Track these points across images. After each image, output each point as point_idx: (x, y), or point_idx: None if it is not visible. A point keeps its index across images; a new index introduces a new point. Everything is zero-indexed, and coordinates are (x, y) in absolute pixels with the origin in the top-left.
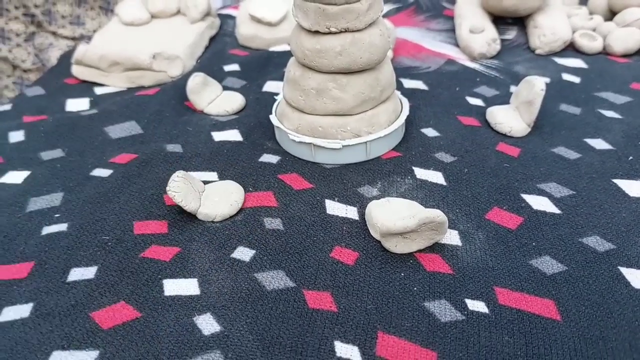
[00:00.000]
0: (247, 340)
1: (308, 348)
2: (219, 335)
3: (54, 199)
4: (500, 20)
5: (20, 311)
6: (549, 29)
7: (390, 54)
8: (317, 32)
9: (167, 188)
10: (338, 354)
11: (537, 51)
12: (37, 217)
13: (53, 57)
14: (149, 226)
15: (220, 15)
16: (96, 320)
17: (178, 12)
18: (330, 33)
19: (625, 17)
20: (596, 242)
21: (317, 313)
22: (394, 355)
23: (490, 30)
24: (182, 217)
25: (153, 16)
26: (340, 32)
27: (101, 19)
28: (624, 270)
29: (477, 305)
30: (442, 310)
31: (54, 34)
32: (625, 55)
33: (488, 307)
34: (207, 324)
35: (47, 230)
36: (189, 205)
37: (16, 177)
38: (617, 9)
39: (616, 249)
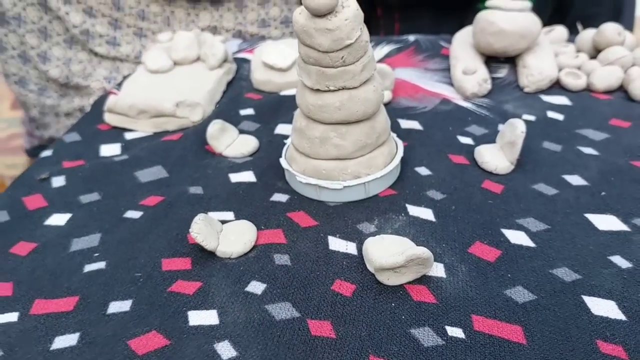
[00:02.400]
0: (254, 348)
1: None
2: None
3: (93, 239)
4: (492, 59)
5: (69, 340)
6: (536, 69)
7: (389, 96)
8: (318, 90)
9: (190, 230)
10: None
11: (526, 89)
12: (79, 256)
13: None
14: (174, 263)
15: (236, 59)
16: (132, 348)
17: (198, 59)
18: (329, 91)
19: (608, 55)
20: (564, 273)
21: (318, 340)
22: None
23: (482, 71)
24: (204, 255)
25: (175, 63)
26: (339, 89)
27: (134, 44)
28: (586, 299)
29: (455, 332)
30: (425, 336)
31: (90, 51)
32: (607, 92)
33: (465, 333)
34: (225, 350)
35: (88, 268)
36: (209, 244)
37: (60, 219)
38: (601, 47)
39: (581, 279)
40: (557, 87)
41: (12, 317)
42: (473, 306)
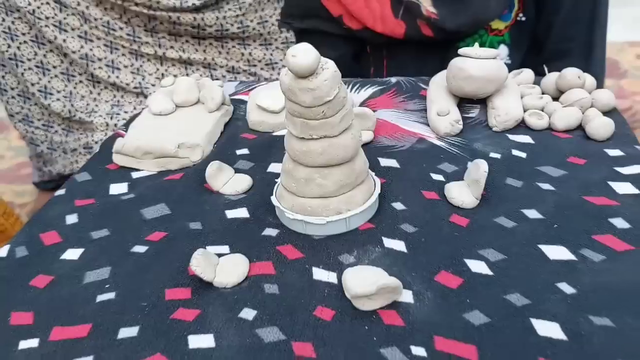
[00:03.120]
0: None
1: None
2: None
3: (104, 272)
4: (465, 100)
5: None
6: (503, 110)
7: (371, 135)
8: (303, 138)
9: (190, 263)
10: None
11: (494, 129)
12: (91, 287)
13: None
14: (176, 293)
15: (233, 100)
16: None
17: (198, 101)
18: (313, 139)
19: (568, 97)
20: (516, 299)
21: (301, 359)
22: None
23: (454, 113)
24: (202, 285)
25: (177, 105)
26: (320, 138)
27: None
28: (534, 321)
29: (419, 351)
30: (393, 355)
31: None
32: (566, 131)
33: (427, 352)
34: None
35: (100, 298)
36: (206, 276)
37: (73, 254)
38: (563, 89)
39: (531, 304)
40: (522, 126)
41: (34, 343)
42: (435, 328)
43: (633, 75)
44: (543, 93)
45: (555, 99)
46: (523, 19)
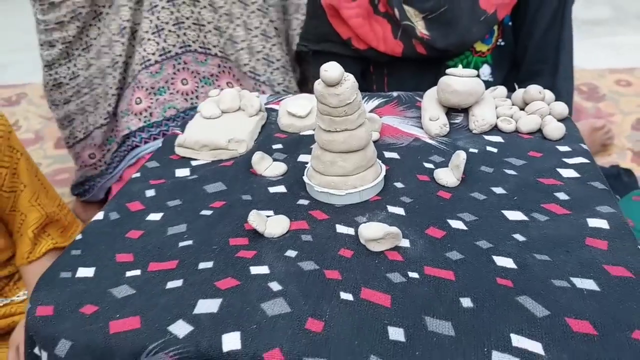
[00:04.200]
0: (293, 298)
1: (323, 297)
2: (280, 292)
3: (182, 227)
4: (451, 109)
5: (176, 283)
6: (480, 117)
7: (377, 136)
8: (329, 131)
9: (248, 219)
10: (340, 297)
11: (474, 131)
12: (174, 237)
13: None
14: (238, 240)
15: (266, 109)
16: (218, 286)
17: (239, 109)
18: (336, 131)
19: (531, 107)
20: (483, 244)
21: (331, 280)
22: (373, 297)
23: (443, 118)
24: (256, 235)
25: (223, 112)
26: (342, 130)
27: None
28: (495, 257)
29: (413, 275)
30: (395, 277)
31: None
32: (529, 133)
33: (419, 275)
34: (275, 286)
35: (182, 244)
36: (260, 228)
37: (156, 217)
38: (528, 101)
39: (493, 247)
40: (495, 129)
41: (137, 272)
42: (425, 261)
43: (610, 98)
44: (513, 104)
45: (522, 109)
46: (502, 43)
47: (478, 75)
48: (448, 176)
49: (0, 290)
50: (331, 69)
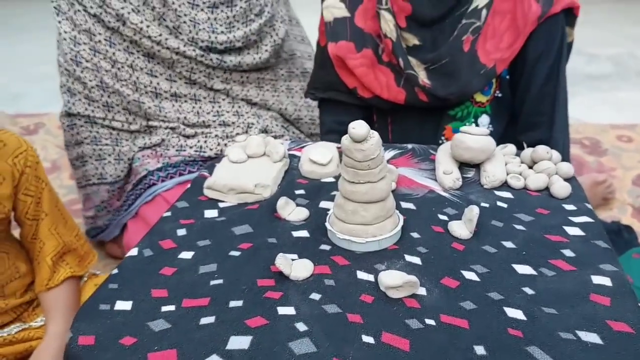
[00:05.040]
0: (319, 339)
1: (346, 339)
2: (306, 332)
3: (212, 267)
4: (464, 164)
5: (209, 319)
6: (491, 173)
7: (393, 186)
8: (353, 182)
9: (275, 262)
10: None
11: (485, 186)
12: (205, 276)
13: None
14: (265, 282)
15: (289, 155)
16: (248, 324)
17: (264, 154)
18: (360, 183)
19: (539, 166)
20: (494, 295)
21: (353, 324)
22: (393, 341)
23: (456, 172)
24: (282, 278)
25: (249, 157)
26: (365, 182)
27: None
28: (505, 308)
29: (430, 322)
30: (413, 323)
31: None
32: (537, 191)
33: (435, 322)
34: (302, 326)
35: (212, 282)
36: (285, 271)
37: (187, 255)
38: (536, 160)
39: (504, 299)
40: (505, 185)
41: (172, 307)
42: (441, 310)
43: (612, 153)
44: (521, 162)
45: (530, 167)
46: (499, 95)
47: (491, 134)
48: (461, 229)
49: (19, 316)
50: (358, 127)
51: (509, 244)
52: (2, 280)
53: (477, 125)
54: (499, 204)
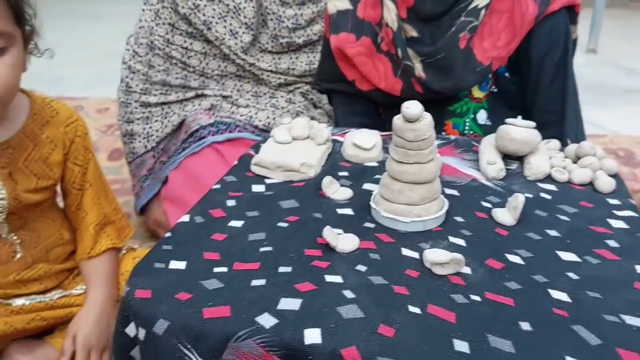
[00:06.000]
0: (366, 306)
1: (393, 307)
2: (353, 299)
3: (261, 235)
4: (507, 156)
5: (259, 282)
6: (535, 165)
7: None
8: (401, 162)
9: (323, 234)
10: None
11: (528, 178)
12: (255, 243)
13: None
14: (312, 252)
15: (332, 140)
16: (297, 288)
17: (308, 137)
18: (408, 163)
19: (584, 161)
20: (539, 278)
21: (399, 295)
22: (438, 312)
23: (500, 163)
24: (329, 249)
25: (293, 138)
26: (414, 163)
27: None
28: (550, 290)
29: (475, 297)
30: (458, 298)
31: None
32: (581, 185)
33: (480, 298)
34: (349, 294)
35: (262, 249)
36: (332, 243)
37: (237, 224)
38: (581, 155)
39: (548, 282)
40: (548, 178)
41: (224, 269)
42: (486, 287)
43: None
44: (565, 157)
45: (574, 162)
46: (495, 90)
47: (536, 127)
48: (505, 216)
49: (61, 283)
50: (412, 107)
51: (553, 233)
52: (48, 245)
53: (475, 120)
54: (543, 195)
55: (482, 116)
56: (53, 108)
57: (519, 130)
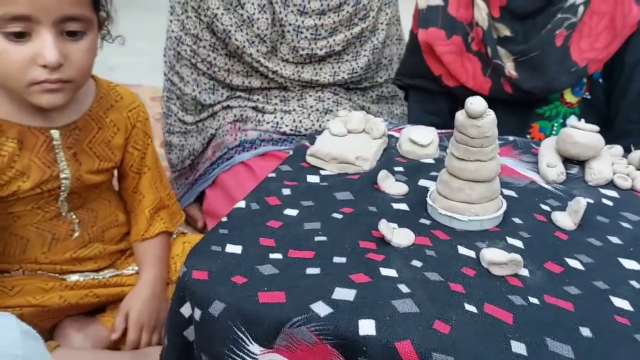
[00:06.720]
0: (421, 301)
1: (449, 305)
2: (409, 294)
3: (316, 225)
4: (568, 160)
5: (314, 270)
6: (597, 170)
7: None
8: (462, 159)
9: (378, 227)
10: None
11: (589, 183)
12: (310, 232)
13: None
14: (366, 244)
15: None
16: (352, 279)
17: (363, 131)
18: (469, 160)
19: None
20: (600, 284)
21: (455, 293)
22: (495, 312)
23: (560, 166)
24: (383, 243)
25: (349, 131)
26: (475, 160)
27: None
28: (612, 298)
29: (534, 300)
30: (516, 298)
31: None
32: None
33: (539, 301)
34: (403, 288)
35: (317, 239)
36: (387, 236)
37: (292, 212)
38: None
39: (610, 289)
40: (610, 185)
41: (279, 256)
42: (544, 291)
43: None
44: (629, 164)
45: (638, 169)
46: (588, 97)
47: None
48: (565, 220)
49: (114, 263)
50: (476, 103)
51: (614, 239)
52: (104, 225)
53: (564, 125)
54: (604, 201)
55: (572, 122)
56: (118, 93)
57: (584, 134)
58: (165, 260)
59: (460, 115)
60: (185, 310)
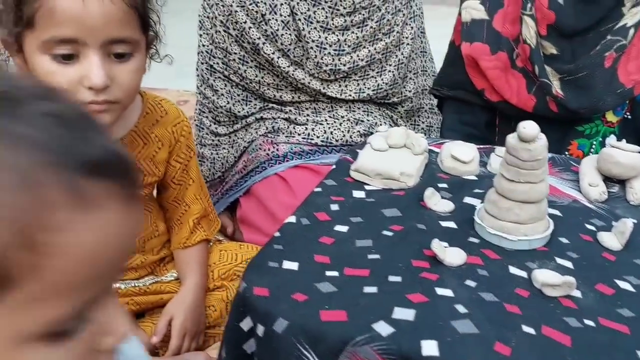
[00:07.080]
0: (480, 322)
1: (507, 326)
2: (467, 315)
3: (368, 242)
4: (608, 178)
5: (371, 289)
6: (639, 190)
7: None
8: (512, 181)
9: (431, 246)
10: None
11: (631, 202)
12: (362, 250)
13: None
14: (419, 263)
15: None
16: (409, 298)
17: (404, 146)
18: (520, 182)
19: None
20: None
21: (510, 314)
22: (553, 335)
23: (602, 186)
24: (436, 262)
25: (390, 146)
26: (525, 182)
27: None
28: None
29: (589, 323)
30: (572, 320)
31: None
32: None
33: (595, 324)
34: (460, 309)
35: (370, 256)
36: (440, 256)
37: (342, 228)
38: None
39: None
40: None
41: (335, 273)
42: (598, 313)
43: None
44: None
45: None
46: (629, 117)
47: None
48: (612, 240)
49: (153, 270)
50: (529, 127)
51: None
52: (145, 236)
53: (603, 144)
54: None
55: (612, 141)
56: (163, 108)
57: (625, 154)
58: (205, 268)
59: (511, 139)
60: (245, 324)
